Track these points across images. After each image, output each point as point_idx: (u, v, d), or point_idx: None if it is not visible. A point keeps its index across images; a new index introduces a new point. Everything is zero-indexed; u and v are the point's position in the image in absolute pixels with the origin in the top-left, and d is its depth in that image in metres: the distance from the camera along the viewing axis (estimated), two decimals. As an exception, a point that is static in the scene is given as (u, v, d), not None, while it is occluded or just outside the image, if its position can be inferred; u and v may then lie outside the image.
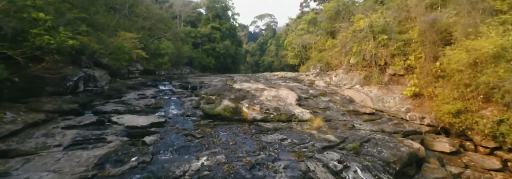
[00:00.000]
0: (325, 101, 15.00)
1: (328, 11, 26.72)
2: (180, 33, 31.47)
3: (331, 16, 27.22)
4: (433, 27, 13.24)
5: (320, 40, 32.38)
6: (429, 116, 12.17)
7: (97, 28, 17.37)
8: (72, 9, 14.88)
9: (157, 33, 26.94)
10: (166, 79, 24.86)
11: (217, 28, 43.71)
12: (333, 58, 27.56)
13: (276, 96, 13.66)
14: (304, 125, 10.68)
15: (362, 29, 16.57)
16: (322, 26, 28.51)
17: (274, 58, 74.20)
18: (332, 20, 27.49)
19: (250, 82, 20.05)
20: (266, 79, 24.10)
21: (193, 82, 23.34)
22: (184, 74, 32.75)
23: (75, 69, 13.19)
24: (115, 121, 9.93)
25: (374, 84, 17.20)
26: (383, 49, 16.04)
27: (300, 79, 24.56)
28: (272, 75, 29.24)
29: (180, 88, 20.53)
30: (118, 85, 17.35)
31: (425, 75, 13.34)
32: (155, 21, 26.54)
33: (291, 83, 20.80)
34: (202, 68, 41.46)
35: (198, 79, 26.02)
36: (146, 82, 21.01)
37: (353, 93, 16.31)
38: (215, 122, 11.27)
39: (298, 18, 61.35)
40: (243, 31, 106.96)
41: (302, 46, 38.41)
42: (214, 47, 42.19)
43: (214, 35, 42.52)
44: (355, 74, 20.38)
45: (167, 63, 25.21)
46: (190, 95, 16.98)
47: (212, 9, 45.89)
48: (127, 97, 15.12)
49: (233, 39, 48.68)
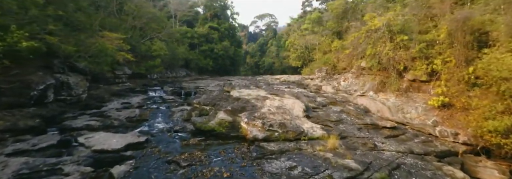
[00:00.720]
0: (336, 111, 13.15)
1: (334, 10, 24.97)
2: (175, 33, 29.72)
3: (337, 15, 25.47)
4: (465, 26, 11.41)
5: (325, 41, 30.60)
6: (464, 132, 10.31)
7: (79, 27, 15.59)
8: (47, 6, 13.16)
9: (150, 33, 25.17)
10: (158, 83, 23.03)
11: (215, 28, 41.95)
12: (340, 61, 25.74)
13: (281, 106, 11.82)
14: (315, 145, 8.84)
15: (377, 29, 14.76)
16: (328, 26, 26.75)
17: (274, 59, 72.45)
18: (339, 19, 25.73)
19: (250, 88, 18.22)
20: (267, 84, 22.27)
21: (188, 87, 21.52)
22: (180, 78, 30.93)
23: (45, 75, 11.37)
24: (82, 142, 8.09)
25: (391, 91, 15.36)
26: (403, 52, 14.21)
27: (305, 83, 22.73)
28: (274, 79, 27.42)
29: (172, 94, 18.71)
30: (101, 92, 15.53)
31: (455, 82, 11.50)
32: (147, 20, 24.78)
33: (296, 89, 18.96)
34: (200, 71, 39.64)
35: (193, 83, 24.21)
36: (135, 87, 19.19)
37: (368, 102, 14.47)
38: (207, 140, 9.44)
39: (300, 17, 59.64)
40: (243, 32, 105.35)
41: (305, 47, 36.67)
42: (212, 48, 40.41)
43: (212, 36, 40.75)
44: (367, 79, 18.54)
45: (160, 66, 23.41)
46: (182, 103, 15.15)
47: (210, 8, 44.17)
48: (108, 107, 13.29)
49: (232, 39, 46.92)
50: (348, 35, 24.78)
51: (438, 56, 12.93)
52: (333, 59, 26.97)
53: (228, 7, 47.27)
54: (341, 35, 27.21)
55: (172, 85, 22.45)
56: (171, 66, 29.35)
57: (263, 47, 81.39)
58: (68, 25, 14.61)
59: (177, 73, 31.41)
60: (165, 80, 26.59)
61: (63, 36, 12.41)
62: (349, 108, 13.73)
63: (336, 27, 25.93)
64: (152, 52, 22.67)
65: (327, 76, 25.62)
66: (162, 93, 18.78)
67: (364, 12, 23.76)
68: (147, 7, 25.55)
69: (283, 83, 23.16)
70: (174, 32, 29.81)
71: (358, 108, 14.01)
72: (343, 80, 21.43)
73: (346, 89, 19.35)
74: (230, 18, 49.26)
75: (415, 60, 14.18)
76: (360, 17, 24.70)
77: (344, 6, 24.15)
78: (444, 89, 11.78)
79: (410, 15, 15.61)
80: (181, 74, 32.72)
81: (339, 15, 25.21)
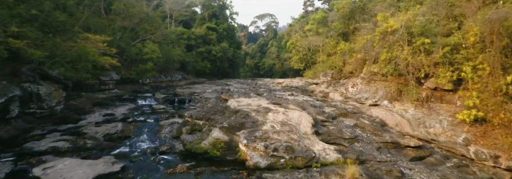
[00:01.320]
0: (349, 126, 11.56)
1: (341, 9, 23.40)
2: (170, 34, 28.16)
3: (344, 15, 23.91)
4: (501, 28, 9.84)
5: (329, 43, 29.05)
6: (507, 156, 8.73)
7: (58, 28, 14.02)
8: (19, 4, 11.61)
9: (142, 34, 23.60)
10: (150, 89, 21.44)
11: (213, 28, 40.40)
12: (347, 64, 24.19)
13: (286, 122, 10.22)
14: (331, 175, 7.26)
15: (394, 31, 13.18)
16: (333, 27, 25.17)
17: (275, 61, 70.86)
18: (345, 20, 24.17)
19: (250, 96, 16.64)
20: (269, 90, 20.70)
21: (182, 94, 19.93)
22: (175, 82, 29.34)
23: (9, 85, 9.76)
24: (38, 176, 6.47)
25: (408, 100, 13.79)
26: (423, 56, 12.64)
27: (310, 89, 21.15)
28: (276, 84, 25.83)
29: (164, 102, 17.11)
30: (82, 102, 13.93)
31: (490, 93, 9.91)
32: (139, 20, 23.22)
33: (300, 96, 17.39)
34: (197, 73, 38.07)
35: (189, 88, 22.61)
36: (123, 95, 17.59)
37: (384, 113, 12.88)
38: (198, 166, 7.88)
39: (302, 17, 58.17)
40: (242, 32, 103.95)
41: (308, 48, 35.14)
42: (210, 50, 38.85)
43: (210, 37, 39.19)
44: (380, 85, 16.98)
45: (152, 71, 21.82)
46: (174, 115, 13.54)
47: (208, 7, 42.64)
48: (87, 120, 11.70)
49: (231, 40, 45.38)
50: (357, 37, 23.26)
51: (465, 62, 11.36)
52: (339, 63, 25.44)
53: (227, 7, 45.77)
54: (347, 36, 25.66)
55: (165, 91, 20.85)
56: (166, 69, 27.78)
57: (263, 48, 79.89)
58: (46, 26, 13.07)
59: (172, 77, 29.82)
60: (159, 85, 25.00)
61: (34, 39, 10.81)
62: (363, 121, 12.13)
63: (342, 28, 24.37)
64: (143, 55, 21.10)
65: (333, 80, 24.06)
66: (153, 102, 17.18)
67: (373, 12, 22.23)
68: (139, 7, 23.99)
69: (286, 89, 21.58)
70: (169, 33, 28.26)
71: (373, 121, 12.41)
72: (351, 86, 19.86)
73: (355, 97, 17.76)
74: (229, 18, 47.75)
75: (437, 66, 12.61)
76: (369, 17, 23.17)
77: (351, 6, 22.60)
78: (477, 102, 10.20)
79: (430, 15, 14.06)
80: (177, 78, 31.13)
81: (346, 15, 23.66)
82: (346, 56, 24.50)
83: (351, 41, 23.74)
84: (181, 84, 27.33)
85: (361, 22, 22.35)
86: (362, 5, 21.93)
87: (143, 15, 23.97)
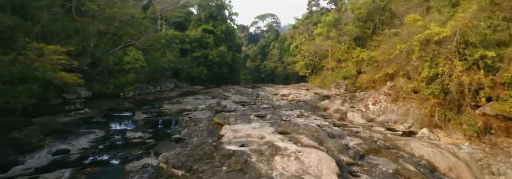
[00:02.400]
0: (387, 173, 8.41)
1: (358, 10, 20.26)
2: (160, 39, 25.11)
3: (360, 17, 20.75)
4: None
5: (339, 47, 25.91)
6: None
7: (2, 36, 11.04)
8: None
9: (125, 39, 20.57)
10: (132, 105, 18.39)
11: (210, 31, 37.35)
12: (363, 74, 21.06)
13: (300, 175, 7.11)
14: None
15: (442, 40, 10.05)
16: (347, 30, 22.00)
17: (277, 63, 67.84)
18: (361, 23, 21.01)
19: (250, 118, 13.56)
20: (272, 107, 17.57)
21: (169, 111, 16.89)
22: (165, 92, 26.28)
23: None
24: None
25: (459, 131, 10.63)
26: (483, 74, 9.49)
27: (322, 106, 18.01)
28: (280, 97, 22.67)
29: (143, 126, 14.07)
30: (31, 132, 10.84)
31: None
32: (120, 23, 20.21)
33: (312, 118, 14.26)
34: (192, 80, 35.00)
35: (178, 103, 19.53)
36: (93, 116, 14.52)
37: (430, 151, 9.72)
38: None
39: (306, 18, 55.06)
40: (243, 32, 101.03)
41: (314, 53, 32.02)
42: (206, 55, 35.78)
43: (207, 40, 36.15)
44: (411, 106, 13.83)
45: (134, 83, 18.75)
46: (149, 151, 10.46)
47: (204, 8, 39.65)
48: (25, 165, 8.62)
49: (230, 43, 42.31)
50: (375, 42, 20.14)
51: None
52: (353, 71, 22.32)
53: (225, 7, 42.74)
54: (362, 41, 22.51)
55: (149, 108, 17.79)
56: (154, 78, 24.74)
57: (264, 50, 76.93)
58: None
59: (162, 87, 26.76)
60: (144, 98, 21.94)
61: None
62: (405, 165, 8.97)
63: (357, 31, 21.23)
64: (123, 65, 18.03)
65: (347, 93, 20.92)
66: (130, 125, 14.11)
67: (397, 14, 19.11)
68: (122, 7, 20.96)
69: (293, 105, 18.47)
70: (159, 38, 25.21)
71: (418, 164, 9.25)
72: (372, 103, 16.71)
73: (380, 119, 14.61)
74: (227, 19, 44.68)
75: (503, 87, 9.46)
76: (390, 19, 20.03)
77: (370, 6, 19.44)
78: None
79: (480, 19, 10.92)
80: (168, 87, 28.06)
81: (363, 17, 20.51)
82: (362, 64, 21.38)
83: (369, 47, 20.60)
84: (171, 96, 24.26)
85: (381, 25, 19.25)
86: (383, 5, 18.82)
87: (126, 17, 20.94)
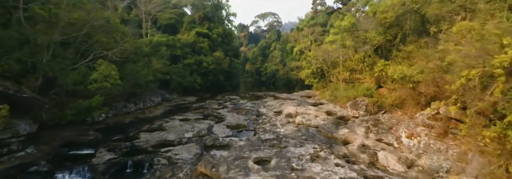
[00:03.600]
0: None
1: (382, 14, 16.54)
2: (142, 47, 21.35)
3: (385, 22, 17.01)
4: None
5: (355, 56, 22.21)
6: None
7: None
8: None
9: (96, 50, 16.90)
10: (99, 135, 14.69)
11: (204, 34, 33.62)
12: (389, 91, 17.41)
13: None
14: None
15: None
16: (368, 38, 18.19)
17: (278, 66, 64.14)
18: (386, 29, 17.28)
19: (248, 166, 9.94)
20: (277, 138, 13.90)
21: (145, 145, 13.33)
22: (149, 108, 22.60)
23: None
24: None
25: None
26: None
27: (340, 138, 14.31)
28: (284, 118, 18.91)
29: (104, 174, 10.45)
30: None
31: None
32: (90, 30, 16.57)
33: (332, 166, 10.60)
34: (184, 91, 31.30)
35: (160, 131, 15.90)
36: (35, 161, 10.84)
37: None
38: None
39: (311, 19, 51.27)
40: (242, 32, 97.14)
41: (322, 60, 28.29)
42: (200, 61, 32.05)
43: (200, 45, 32.44)
44: (468, 147, 10.18)
45: (101, 108, 15.04)
46: None
47: (198, 8, 35.90)
48: None
49: (228, 47, 38.56)
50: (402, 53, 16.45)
51: None
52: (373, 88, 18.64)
53: (222, 7, 38.97)
54: (386, 51, 18.78)
55: (121, 139, 14.18)
56: (135, 94, 21.05)
57: (265, 51, 73.21)
58: None
59: (146, 102, 23.08)
60: (120, 121, 18.24)
61: None
62: None
63: (380, 40, 17.49)
64: (88, 84, 14.35)
65: (368, 115, 17.26)
66: (85, 175, 10.46)
67: (431, 19, 15.39)
68: (92, 10, 17.27)
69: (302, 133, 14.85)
70: (142, 45, 21.47)
71: None
72: (407, 136, 13.05)
73: (422, 162, 10.96)
74: (225, 20, 40.92)
75: None
76: (421, 25, 16.32)
77: (399, 9, 15.67)
78: None
79: None
80: (154, 102, 24.38)
81: (389, 22, 16.77)
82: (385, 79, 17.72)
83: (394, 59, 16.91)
84: (155, 116, 20.57)
85: (411, 32, 15.55)
86: (416, 8, 15.10)
87: (98, 22, 17.25)
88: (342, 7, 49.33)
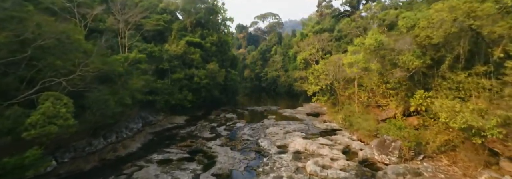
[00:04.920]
0: None
1: (424, 31, 12.52)
2: (115, 66, 17.27)
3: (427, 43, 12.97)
4: None
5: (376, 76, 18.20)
6: None
7: None
8: None
9: (49, 76, 12.96)
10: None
11: (196, 44, 29.61)
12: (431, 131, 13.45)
13: None
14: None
15: None
16: (402, 62, 13.98)
17: (280, 72, 60.03)
18: (426, 50, 13.30)
19: None
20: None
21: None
22: (124, 141, 18.58)
23: None
24: None
25: None
26: None
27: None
28: (293, 162, 14.81)
29: None
30: None
31: None
32: (38, 51, 12.64)
33: None
34: (172, 110, 27.32)
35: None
36: None
37: None
38: None
39: (317, 24, 47.27)
40: (241, 33, 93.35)
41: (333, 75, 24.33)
42: (191, 76, 28.06)
43: (191, 56, 28.44)
44: None
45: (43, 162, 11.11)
46: None
47: (190, 13, 31.84)
48: None
49: (224, 57, 34.49)
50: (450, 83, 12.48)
51: None
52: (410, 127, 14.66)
53: (217, 11, 34.87)
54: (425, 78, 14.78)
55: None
56: (105, 126, 17.07)
57: (265, 55, 69.29)
58: None
59: (120, 133, 19.08)
60: (77, 169, 14.07)
61: None
62: None
63: (419, 64, 13.44)
64: (24, 131, 10.40)
65: (402, 163, 13.30)
66: None
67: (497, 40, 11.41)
68: (44, 24, 13.29)
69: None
70: (114, 64, 17.39)
71: None
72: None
73: None
74: (220, 26, 36.84)
75: None
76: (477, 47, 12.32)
77: (452, 27, 11.52)
78: None
79: None
80: (132, 130, 20.38)
81: (435, 42, 12.71)
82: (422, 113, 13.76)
83: (439, 89, 12.92)
84: (128, 155, 16.53)
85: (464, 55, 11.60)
86: (476, 25, 11.12)
87: (49, 40, 13.27)
88: (349, 10, 45.46)
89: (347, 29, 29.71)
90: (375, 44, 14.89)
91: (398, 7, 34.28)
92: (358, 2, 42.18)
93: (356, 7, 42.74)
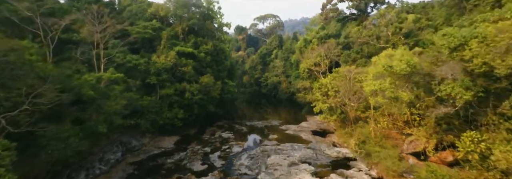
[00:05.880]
0: None
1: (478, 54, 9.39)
2: (85, 89, 14.20)
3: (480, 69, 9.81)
4: None
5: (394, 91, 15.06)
6: None
7: None
8: None
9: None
10: None
11: (189, 54, 26.48)
12: None
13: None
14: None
15: None
16: (446, 93, 10.73)
17: (281, 78, 56.97)
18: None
19: None
20: None
21: None
22: (97, 178, 15.45)
23: None
24: None
25: None
26: None
27: None
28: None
29: None
30: None
31: None
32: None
33: None
34: (161, 130, 24.19)
35: None
36: None
37: None
38: None
39: (322, 29, 44.11)
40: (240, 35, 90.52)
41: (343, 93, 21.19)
42: (182, 91, 24.90)
43: (183, 69, 25.27)
44: None
45: None
46: None
47: (182, 19, 28.72)
48: None
49: (220, 67, 31.30)
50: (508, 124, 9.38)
51: None
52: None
53: (213, 16, 31.73)
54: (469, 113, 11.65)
55: None
56: (70, 164, 13.98)
57: (265, 58, 66.25)
58: None
59: (92, 169, 15.94)
60: None
61: None
62: None
63: (470, 97, 10.29)
64: None
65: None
66: None
67: None
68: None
69: None
70: (86, 86, 14.28)
71: None
72: None
73: None
74: (216, 32, 33.64)
75: None
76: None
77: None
78: None
79: None
80: (108, 162, 17.25)
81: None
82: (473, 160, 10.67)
83: (495, 131, 9.83)
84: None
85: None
86: None
87: None
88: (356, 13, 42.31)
89: (358, 37, 26.56)
90: (407, 69, 11.69)
91: (410, 11, 31.35)
92: (366, 5, 39.01)
93: (363, 11, 39.58)
